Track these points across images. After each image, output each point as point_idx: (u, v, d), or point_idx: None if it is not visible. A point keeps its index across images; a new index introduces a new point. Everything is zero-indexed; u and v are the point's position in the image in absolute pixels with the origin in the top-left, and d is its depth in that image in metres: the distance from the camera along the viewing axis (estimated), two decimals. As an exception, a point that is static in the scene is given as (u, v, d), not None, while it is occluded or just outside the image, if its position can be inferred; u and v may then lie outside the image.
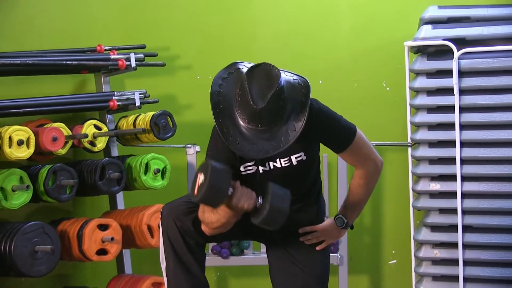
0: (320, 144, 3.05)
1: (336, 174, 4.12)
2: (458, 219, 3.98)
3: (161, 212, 3.04)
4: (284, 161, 2.95)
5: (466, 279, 4.00)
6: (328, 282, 3.12)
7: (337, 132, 2.96)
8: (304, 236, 3.10)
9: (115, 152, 4.22)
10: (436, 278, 4.08)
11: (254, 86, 2.70)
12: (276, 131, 2.74)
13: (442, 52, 3.98)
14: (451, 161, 4.01)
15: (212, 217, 2.79)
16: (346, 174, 4.08)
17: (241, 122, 2.76)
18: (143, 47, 4.33)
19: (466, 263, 3.99)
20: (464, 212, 3.99)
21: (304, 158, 2.97)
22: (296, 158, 2.96)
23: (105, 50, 4.22)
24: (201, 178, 2.71)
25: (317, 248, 3.11)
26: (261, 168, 2.96)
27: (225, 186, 2.71)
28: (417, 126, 4.11)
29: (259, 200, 2.80)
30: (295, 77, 2.82)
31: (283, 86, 2.71)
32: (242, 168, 2.96)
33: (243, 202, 2.76)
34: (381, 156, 3.09)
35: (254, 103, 2.67)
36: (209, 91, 2.79)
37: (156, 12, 4.49)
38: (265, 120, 2.71)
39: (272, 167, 2.96)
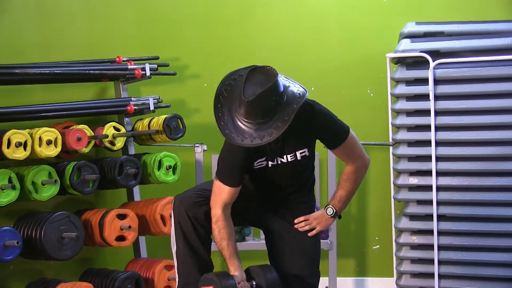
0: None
1: (327, 170, 4.12)
2: (434, 209, 3.98)
3: (173, 202, 3.06)
4: (290, 156, 2.99)
5: (440, 262, 4.00)
6: (319, 263, 3.15)
7: (333, 131, 2.99)
8: (299, 224, 3.13)
9: (132, 150, 4.21)
10: (414, 261, 4.08)
11: (250, 82, 2.70)
12: (263, 127, 2.72)
13: (419, 62, 3.97)
14: (427, 158, 4.00)
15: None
16: (335, 170, 4.06)
17: (236, 113, 2.75)
18: (157, 58, 4.33)
19: (440, 248, 3.99)
20: (439, 203, 3.98)
21: (307, 153, 3.01)
22: (300, 153, 2.99)
23: (123, 61, 4.22)
24: None
25: (309, 234, 3.13)
26: (270, 163, 2.99)
27: None
28: (397, 128, 4.10)
29: (254, 285, 2.93)
30: (300, 88, 2.80)
31: (277, 89, 2.69)
32: (255, 164, 2.98)
33: None
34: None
35: (244, 96, 2.67)
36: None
37: (168, 27, 4.49)
38: (252, 113, 2.70)
39: (279, 162, 2.99)
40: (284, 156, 2.99)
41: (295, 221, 3.13)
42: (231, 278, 2.88)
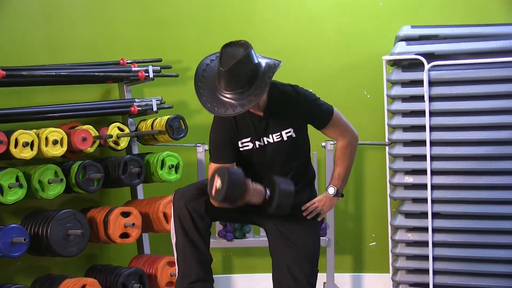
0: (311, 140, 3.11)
1: (325, 169, 4.13)
2: (428, 207, 3.99)
3: (173, 196, 3.07)
4: (276, 136, 3.01)
5: (435, 258, 4.01)
6: (318, 260, 3.15)
7: (318, 110, 3.05)
8: (306, 211, 3.13)
9: (135, 150, 4.22)
10: (409, 257, 4.08)
11: (226, 55, 2.80)
12: (242, 96, 2.80)
13: (414, 65, 3.98)
14: (422, 158, 4.01)
15: None
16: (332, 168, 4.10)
17: (217, 89, 2.83)
18: (160, 60, 4.34)
19: (435, 244, 4.00)
20: (433, 201, 4.00)
21: (294, 135, 3.03)
22: (286, 133, 3.01)
23: (127, 63, 4.22)
24: (218, 182, 2.81)
25: (318, 219, 3.15)
26: (257, 143, 3.01)
27: (241, 191, 2.83)
28: (393, 128, 4.11)
29: (267, 193, 2.86)
30: (275, 61, 2.92)
31: (252, 58, 2.80)
32: (240, 144, 3.01)
33: (254, 199, 2.88)
34: (362, 154, 3.14)
35: (222, 66, 2.77)
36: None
37: (171, 31, 4.49)
38: (231, 83, 2.79)
39: (266, 142, 3.01)
40: (270, 136, 3.02)
41: (303, 208, 3.13)
42: (241, 170, 2.87)
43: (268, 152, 3.03)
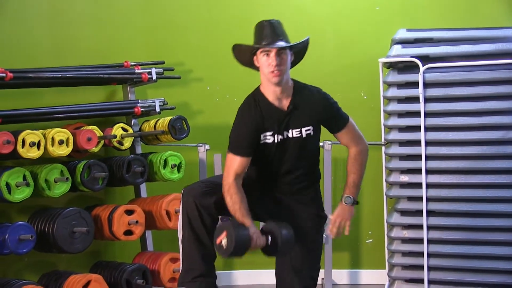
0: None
1: (323, 168, 4.13)
2: (423, 205, 4.00)
3: (182, 192, 3.08)
4: (296, 131, 3.05)
5: (429, 255, 4.01)
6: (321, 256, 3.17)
7: (337, 113, 3.11)
8: (331, 231, 3.14)
9: (139, 150, 4.22)
10: (405, 254, 4.09)
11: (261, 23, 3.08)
12: (281, 42, 3.03)
13: (410, 67, 3.99)
14: (417, 157, 4.02)
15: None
16: (330, 169, 4.11)
17: (258, 42, 3.04)
18: (162, 63, 4.34)
19: (429, 241, 4.01)
20: (428, 199, 4.00)
21: (312, 133, 3.07)
22: (306, 130, 3.06)
23: (131, 65, 4.23)
24: (224, 240, 2.87)
25: (346, 232, 3.17)
26: (278, 137, 3.04)
27: (245, 250, 2.89)
28: (389, 129, 4.13)
29: (269, 241, 2.92)
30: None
31: (283, 26, 3.11)
32: (262, 137, 3.04)
33: (257, 247, 2.93)
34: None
35: (265, 21, 3.06)
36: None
37: (173, 34, 4.50)
38: (270, 32, 3.02)
39: (286, 136, 3.05)
40: (290, 131, 3.05)
41: (328, 232, 3.14)
42: (246, 228, 2.89)
43: (285, 147, 3.07)
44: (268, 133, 3.05)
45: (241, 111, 3.09)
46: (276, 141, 3.05)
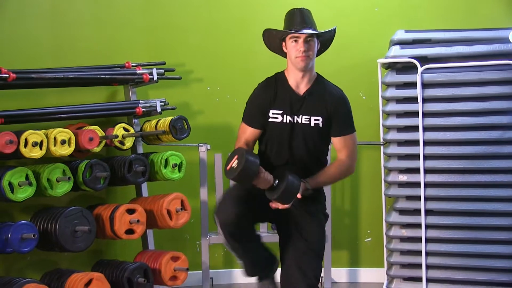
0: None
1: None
2: (421, 205, 4.01)
3: (214, 217, 3.06)
4: (305, 118, 3.10)
5: (428, 253, 4.02)
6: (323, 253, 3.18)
7: (346, 119, 3.14)
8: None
9: (140, 149, 4.22)
10: (403, 252, 4.10)
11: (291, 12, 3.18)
12: (309, 30, 3.09)
13: (408, 67, 4.00)
14: (415, 157, 4.03)
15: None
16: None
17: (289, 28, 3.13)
18: (163, 63, 4.34)
19: (427, 240, 4.02)
20: (426, 198, 4.02)
21: (321, 125, 3.10)
22: (315, 120, 3.10)
23: (132, 66, 4.23)
24: (235, 162, 2.90)
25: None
26: (287, 118, 3.09)
27: (251, 178, 2.90)
28: (388, 129, 4.13)
29: (275, 183, 2.92)
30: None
31: (312, 16, 3.17)
32: (270, 113, 3.11)
33: (261, 186, 2.94)
34: (358, 153, 3.16)
35: (296, 8, 3.15)
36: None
37: (174, 35, 4.51)
38: (300, 19, 3.10)
39: (294, 121, 3.09)
40: (300, 116, 3.10)
41: (272, 206, 3.09)
42: (257, 157, 2.95)
43: (293, 131, 3.09)
44: (277, 112, 3.10)
45: (258, 86, 3.21)
46: (284, 121, 3.09)
